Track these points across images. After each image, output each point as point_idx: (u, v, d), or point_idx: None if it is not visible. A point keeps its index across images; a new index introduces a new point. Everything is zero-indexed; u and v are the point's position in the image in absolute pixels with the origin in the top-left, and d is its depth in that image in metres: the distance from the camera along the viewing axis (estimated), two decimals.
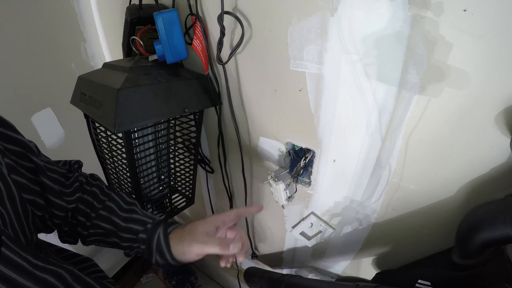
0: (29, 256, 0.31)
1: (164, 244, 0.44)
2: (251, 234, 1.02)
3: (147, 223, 0.47)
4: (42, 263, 0.33)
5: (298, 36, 0.51)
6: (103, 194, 0.49)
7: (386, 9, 0.40)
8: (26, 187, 0.38)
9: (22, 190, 0.38)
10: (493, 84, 0.38)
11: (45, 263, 0.33)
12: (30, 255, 0.32)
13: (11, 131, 0.38)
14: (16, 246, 0.30)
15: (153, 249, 0.45)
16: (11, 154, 0.37)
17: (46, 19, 0.85)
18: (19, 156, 0.38)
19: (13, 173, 0.36)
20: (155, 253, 0.45)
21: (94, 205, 0.47)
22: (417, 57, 0.41)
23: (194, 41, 0.62)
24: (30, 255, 0.32)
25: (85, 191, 0.48)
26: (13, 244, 0.30)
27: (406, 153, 0.50)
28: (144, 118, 0.58)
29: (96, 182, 0.50)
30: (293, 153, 0.68)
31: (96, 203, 0.47)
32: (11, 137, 0.37)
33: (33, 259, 0.32)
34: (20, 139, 0.38)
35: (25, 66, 0.83)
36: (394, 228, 0.61)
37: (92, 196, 0.48)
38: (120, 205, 0.48)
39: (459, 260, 0.47)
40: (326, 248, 0.80)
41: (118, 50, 0.81)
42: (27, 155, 0.39)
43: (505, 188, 0.43)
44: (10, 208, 0.33)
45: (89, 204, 0.47)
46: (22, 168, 0.38)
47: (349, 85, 0.50)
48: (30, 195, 0.39)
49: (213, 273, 1.43)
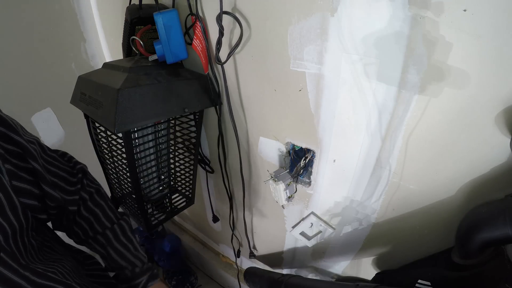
0: (28, 273, 0.32)
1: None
2: (251, 233, 1.02)
3: (135, 265, 0.51)
4: (40, 279, 0.34)
5: (298, 36, 0.51)
6: (105, 216, 0.50)
7: (386, 9, 0.40)
8: (28, 191, 0.38)
9: (24, 195, 0.37)
10: (493, 84, 0.38)
11: (44, 279, 0.34)
12: (29, 271, 0.32)
13: (12, 132, 0.37)
14: (15, 263, 0.31)
15: None
16: (12, 157, 0.36)
17: (46, 19, 0.85)
18: (20, 159, 0.38)
19: (14, 179, 0.36)
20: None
21: (94, 227, 0.49)
22: (417, 57, 0.41)
23: (194, 41, 0.62)
24: (28, 271, 0.32)
25: (87, 208, 0.48)
26: (12, 261, 0.31)
27: (406, 153, 0.50)
28: (144, 118, 0.58)
29: (101, 202, 0.50)
30: (293, 153, 0.68)
31: (96, 225, 0.49)
32: (12, 138, 0.37)
33: (31, 276, 0.32)
34: (20, 142, 0.38)
35: (25, 66, 0.84)
36: (394, 228, 0.61)
37: (93, 216, 0.49)
38: (118, 238, 0.51)
39: (459, 260, 0.47)
40: (326, 248, 0.80)
41: (118, 50, 0.81)
42: (27, 159, 0.38)
43: (505, 188, 0.43)
44: (13, 219, 0.33)
45: (89, 222, 0.49)
46: (22, 172, 0.38)
47: (349, 85, 0.50)
48: (31, 200, 0.39)
49: (213, 273, 1.43)
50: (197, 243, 1.45)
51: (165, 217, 0.86)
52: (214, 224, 1.16)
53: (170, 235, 1.43)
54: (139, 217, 0.77)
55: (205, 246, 1.43)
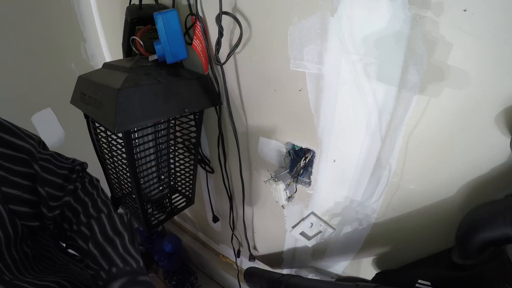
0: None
1: None
2: (251, 233, 1.02)
3: (112, 265, 0.39)
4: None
5: (298, 36, 0.51)
6: (94, 207, 0.44)
7: (386, 9, 0.40)
8: (18, 198, 0.36)
9: (14, 202, 0.35)
10: (493, 84, 0.38)
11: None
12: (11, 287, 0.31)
13: (8, 135, 0.35)
14: (7, 277, 0.30)
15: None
16: (5, 161, 0.34)
17: (46, 19, 0.85)
18: (14, 162, 0.35)
19: (4, 185, 0.34)
20: None
21: (80, 218, 0.43)
22: (417, 57, 0.41)
23: (194, 41, 0.62)
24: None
25: (77, 199, 0.44)
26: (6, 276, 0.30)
27: (406, 153, 0.50)
28: (144, 118, 0.58)
29: (93, 191, 0.46)
30: (293, 153, 0.68)
31: (82, 216, 0.43)
32: (7, 140, 0.35)
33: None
34: (14, 143, 0.35)
35: (25, 66, 0.84)
36: (394, 228, 0.61)
37: (82, 205, 0.44)
38: (104, 230, 0.42)
39: (459, 260, 0.47)
40: (326, 248, 0.80)
41: (118, 50, 0.81)
42: (23, 162, 0.36)
43: (505, 188, 0.43)
44: (10, 229, 0.32)
45: (76, 213, 0.43)
46: (15, 176, 0.35)
47: (349, 85, 0.50)
48: (22, 207, 0.36)
49: (213, 273, 1.43)
50: (197, 243, 1.45)
51: (165, 217, 0.86)
52: (214, 224, 1.16)
53: (170, 235, 1.43)
54: (139, 217, 0.77)
55: (205, 246, 1.43)
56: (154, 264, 1.49)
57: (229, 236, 1.06)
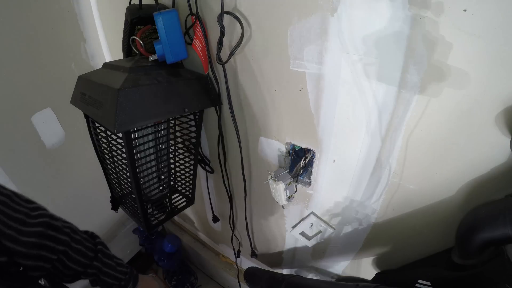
0: None
1: None
2: (251, 233, 1.02)
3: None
4: None
5: (298, 36, 0.51)
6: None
7: (386, 9, 0.40)
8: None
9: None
10: (493, 84, 0.38)
11: None
12: None
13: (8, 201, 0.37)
14: None
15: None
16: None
17: (46, 19, 0.85)
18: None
19: None
20: None
21: (82, 262, 0.49)
22: (417, 57, 0.41)
23: (194, 41, 0.62)
24: None
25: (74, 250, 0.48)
26: None
27: (406, 153, 0.50)
28: (144, 118, 0.58)
29: (78, 237, 0.50)
30: (293, 153, 0.68)
31: (83, 260, 0.50)
32: None
33: None
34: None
35: (25, 66, 0.83)
36: (394, 228, 0.61)
37: (80, 254, 0.49)
38: None
39: (459, 260, 0.47)
40: (326, 248, 0.80)
41: (118, 50, 0.81)
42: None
43: (505, 188, 0.44)
44: None
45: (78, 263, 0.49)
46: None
47: (349, 85, 0.50)
48: None
49: (213, 273, 1.43)
50: (197, 243, 1.46)
51: (165, 217, 0.86)
52: (214, 224, 1.16)
53: (170, 235, 1.43)
54: (139, 217, 0.77)
55: (205, 246, 1.43)
56: (154, 264, 1.49)
57: (229, 236, 1.06)
